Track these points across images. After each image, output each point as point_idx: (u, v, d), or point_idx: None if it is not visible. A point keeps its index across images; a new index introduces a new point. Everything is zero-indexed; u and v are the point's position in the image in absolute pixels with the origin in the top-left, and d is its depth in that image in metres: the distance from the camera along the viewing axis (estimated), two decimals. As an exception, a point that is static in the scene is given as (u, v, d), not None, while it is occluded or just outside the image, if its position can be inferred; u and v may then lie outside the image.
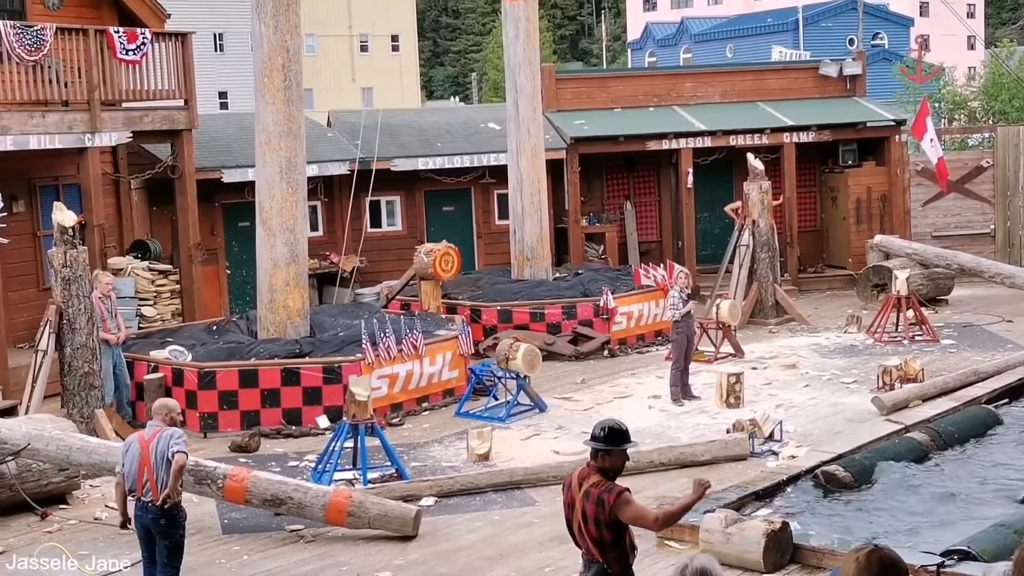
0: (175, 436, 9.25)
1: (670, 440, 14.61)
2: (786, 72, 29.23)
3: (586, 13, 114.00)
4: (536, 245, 22.34)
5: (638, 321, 20.92)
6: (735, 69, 31.76)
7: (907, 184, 26.99)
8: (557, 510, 12.15)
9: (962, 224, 27.16)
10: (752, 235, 22.46)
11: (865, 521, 11.85)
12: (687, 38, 78.62)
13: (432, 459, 14.40)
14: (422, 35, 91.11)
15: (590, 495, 7.31)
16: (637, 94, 27.23)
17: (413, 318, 18.23)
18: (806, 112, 26.80)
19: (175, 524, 9.31)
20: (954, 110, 40.91)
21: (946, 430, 14.47)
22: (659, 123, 26.13)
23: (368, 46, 72.39)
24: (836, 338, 20.96)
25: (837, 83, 27.92)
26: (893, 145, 26.91)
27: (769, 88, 27.79)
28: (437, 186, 25.33)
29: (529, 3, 22.24)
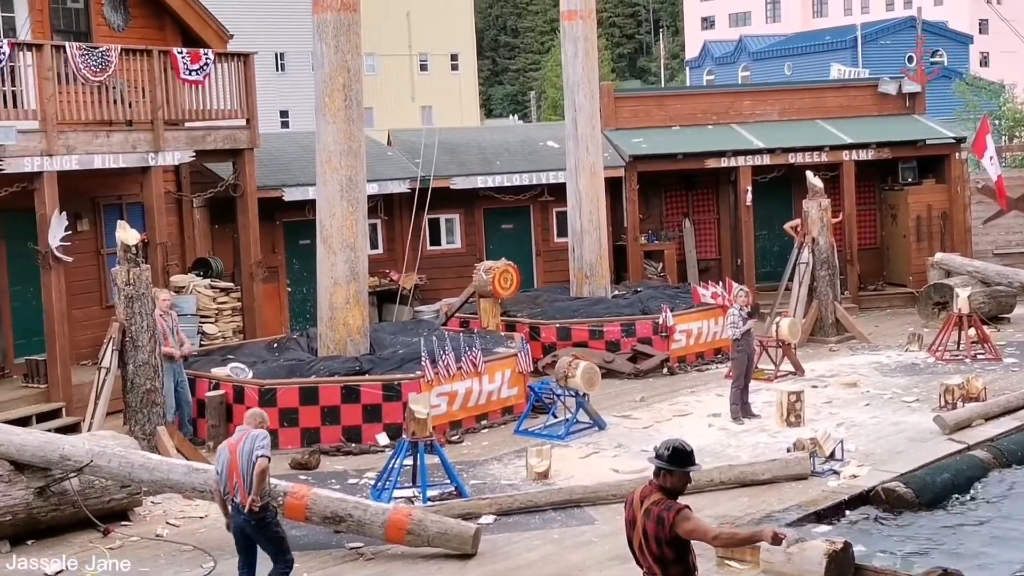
0: (259, 438, 9.78)
1: (730, 459, 14.52)
2: (845, 90, 29.02)
3: (644, 32, 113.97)
4: (595, 263, 22.32)
5: (697, 339, 20.83)
6: (794, 87, 31.62)
7: (967, 202, 26.72)
8: (617, 529, 12.13)
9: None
10: (812, 253, 22.31)
11: (932, 543, 11.71)
12: (745, 56, 78.32)
13: (491, 477, 14.41)
14: (481, 54, 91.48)
15: (651, 513, 7.38)
16: (695, 112, 27.17)
17: (472, 336, 18.27)
18: (865, 130, 26.62)
19: (264, 524, 9.90)
20: (1015, 127, 40.45)
21: (1009, 448, 14.29)
22: (718, 141, 26.06)
23: (428, 65, 72.78)
24: (897, 356, 20.76)
25: (896, 101, 27.72)
26: (953, 163, 26.67)
27: (828, 106, 27.63)
28: (496, 204, 25.39)
29: (588, 22, 22.28)
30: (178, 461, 12.91)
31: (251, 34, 44.16)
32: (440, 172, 23.61)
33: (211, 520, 12.93)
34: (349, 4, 17.10)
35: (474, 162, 25.13)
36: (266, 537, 10.00)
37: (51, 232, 16.90)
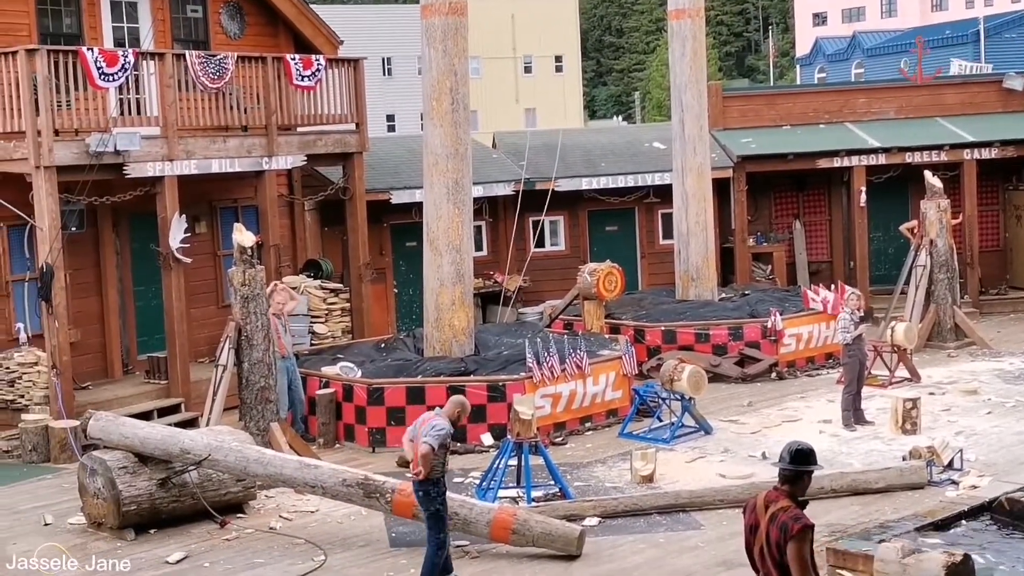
0: (434, 427, 10.44)
1: (842, 466, 14.23)
2: (966, 86, 28.31)
3: (752, 29, 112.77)
4: (701, 265, 22.09)
5: (807, 343, 20.47)
6: (911, 84, 30.97)
7: (1096, 202, 25.92)
8: (723, 535, 12.00)
9: None
10: (929, 255, 21.81)
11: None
12: (859, 52, 77.03)
13: (595, 479, 14.32)
14: (585, 55, 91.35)
15: (776, 518, 7.23)
16: (807, 111, 26.76)
17: (576, 338, 18.19)
18: (988, 127, 25.94)
19: (428, 497, 10.53)
20: None
21: None
22: (830, 140, 25.62)
23: (532, 67, 72.89)
24: (1020, 363, 20.15)
25: (1021, 97, 26.94)
26: (1082, 161, 25.88)
27: (947, 103, 26.99)
28: (601, 206, 25.27)
29: (696, 21, 22.06)
30: (290, 457, 13.08)
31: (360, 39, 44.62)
32: (545, 174, 23.53)
33: (322, 514, 13.15)
34: (457, 8, 17.15)
35: (579, 164, 25.05)
36: (426, 511, 10.61)
37: (171, 234, 17.43)
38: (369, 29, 56.47)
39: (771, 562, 7.24)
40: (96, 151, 16.46)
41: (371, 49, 46.89)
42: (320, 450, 15.81)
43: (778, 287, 24.34)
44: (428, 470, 10.38)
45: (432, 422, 10.56)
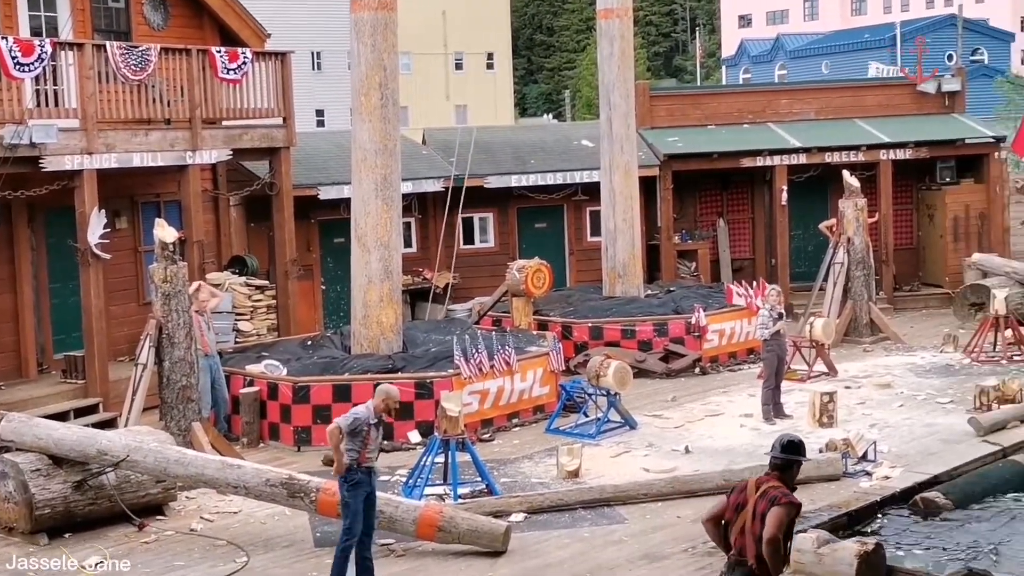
0: (351, 413, 10.64)
1: (762, 459, 14.33)
2: (883, 88, 28.89)
3: (680, 30, 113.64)
4: (628, 262, 22.33)
5: (730, 339, 20.80)
6: (831, 85, 31.49)
7: (1006, 202, 26.53)
8: (647, 528, 12.21)
9: (1064, 243, 26.63)
10: (847, 253, 22.23)
11: (962, 545, 11.67)
12: (782, 54, 78.02)
13: (522, 475, 14.45)
14: (516, 53, 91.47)
15: (766, 494, 7.91)
16: (731, 111, 27.12)
17: (505, 334, 18.32)
18: (903, 129, 26.48)
19: (341, 486, 10.63)
20: (1057, 126, 40.06)
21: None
22: (753, 140, 26.00)
23: (463, 64, 72.92)
24: (932, 358, 20.64)
25: (935, 99, 27.55)
26: (992, 162, 26.49)
27: (866, 105, 27.51)
28: (530, 203, 25.43)
29: (624, 21, 22.28)
30: (212, 457, 13.03)
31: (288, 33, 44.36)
32: (475, 171, 23.65)
33: (245, 515, 13.10)
34: (386, 3, 17.17)
35: (508, 161, 25.18)
36: (340, 497, 10.76)
37: (90, 230, 17.06)
38: (298, 22, 56.08)
39: (753, 537, 7.81)
40: (10, 143, 16.08)
41: (300, 43, 46.53)
42: (244, 450, 15.73)
43: (702, 284, 24.66)
44: (335, 447, 10.47)
45: (352, 409, 10.81)
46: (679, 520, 12.50)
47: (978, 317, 22.07)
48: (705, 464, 14.45)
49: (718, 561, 11.15)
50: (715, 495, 13.11)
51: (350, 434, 10.45)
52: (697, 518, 12.39)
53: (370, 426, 10.57)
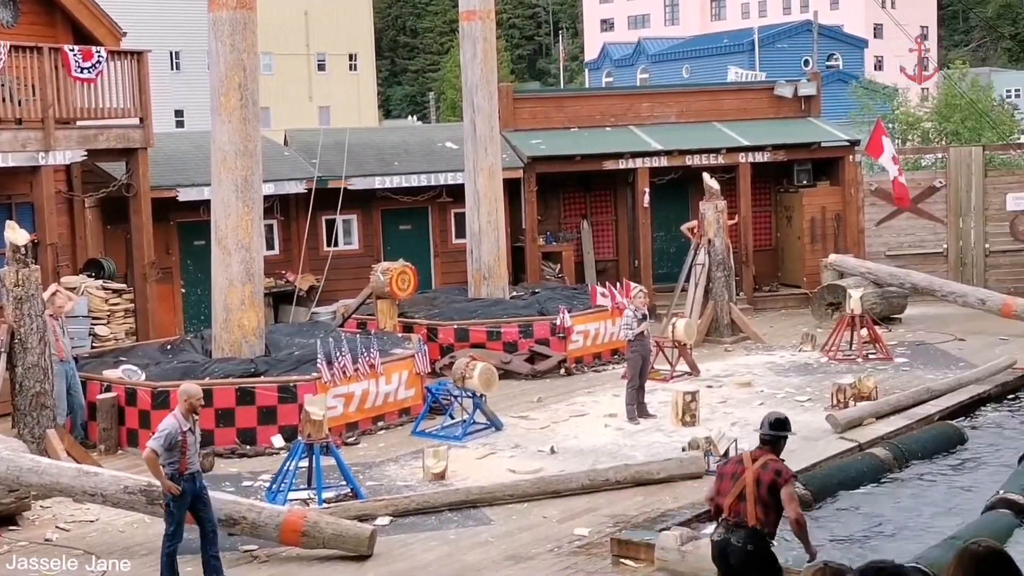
0: (159, 431, 10.48)
1: (626, 458, 14.64)
2: (742, 92, 29.45)
3: (544, 33, 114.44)
4: (493, 264, 22.36)
5: (594, 340, 20.97)
6: (691, 89, 32.00)
7: (861, 204, 27.25)
8: (512, 529, 12.22)
9: (915, 243, 27.42)
10: (708, 254, 22.57)
11: (822, 538, 11.91)
12: (644, 58, 79.15)
13: (388, 478, 14.36)
14: (380, 54, 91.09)
15: (768, 466, 9.06)
16: (594, 114, 27.34)
17: (369, 337, 18.19)
18: (761, 132, 27.01)
19: (166, 495, 10.57)
20: (907, 131, 41.34)
21: (909, 447, 14.59)
22: (616, 143, 26.25)
23: (326, 65, 72.33)
24: (791, 356, 21.09)
25: (792, 104, 28.16)
26: (847, 165, 27.16)
27: (725, 108, 27.99)
28: (394, 205, 25.30)
29: (486, 23, 22.30)
30: (68, 464, 12.68)
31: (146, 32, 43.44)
32: (338, 172, 23.45)
33: (103, 523, 12.79)
34: (245, 2, 16.91)
35: (372, 163, 25.01)
36: (165, 504, 10.71)
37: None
38: (156, 21, 55.04)
39: (755, 500, 8.95)
40: None
41: (158, 42, 45.71)
42: (101, 457, 15.33)
43: (567, 285, 24.81)
44: (156, 473, 10.41)
45: (160, 424, 10.64)
46: (545, 520, 12.54)
47: (835, 317, 22.62)
48: (570, 464, 14.53)
49: (583, 561, 11.25)
50: (580, 495, 13.24)
51: (167, 450, 10.37)
52: (563, 518, 12.54)
53: (184, 433, 10.46)
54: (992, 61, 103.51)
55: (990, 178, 27.53)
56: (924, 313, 24.67)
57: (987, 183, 27.28)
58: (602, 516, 12.59)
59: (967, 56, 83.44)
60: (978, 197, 27.14)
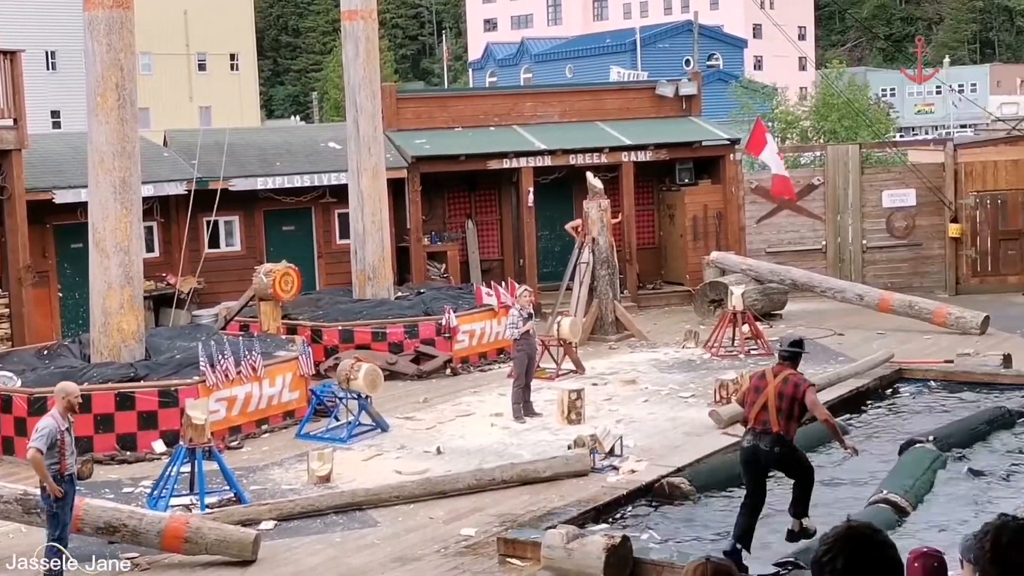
0: (37, 430, 10.41)
1: (512, 457, 14.66)
2: (624, 92, 29.72)
3: (427, 33, 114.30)
4: (377, 264, 22.24)
5: (480, 339, 20.98)
6: (574, 89, 32.20)
7: (742, 201, 27.67)
8: (399, 531, 12.16)
9: (795, 240, 27.93)
10: (592, 253, 22.70)
11: (707, 534, 12.06)
12: (527, 58, 79.44)
13: (272, 482, 14.20)
14: (262, 54, 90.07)
15: (788, 380, 10.56)
16: (478, 113, 27.35)
17: (252, 339, 17.94)
18: (643, 131, 27.27)
19: (47, 499, 10.42)
20: (786, 129, 42.12)
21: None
22: (500, 142, 26.29)
23: (206, 65, 71.27)
24: (674, 353, 21.32)
25: (673, 103, 28.47)
26: (728, 163, 27.55)
27: (608, 108, 28.20)
28: (277, 206, 25.03)
29: (368, 23, 22.17)
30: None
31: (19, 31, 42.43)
32: (218, 173, 23.10)
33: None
34: (122, 1, 16.57)
35: (254, 163, 24.71)
36: (45, 510, 10.56)
37: None
38: (30, 20, 53.74)
39: (776, 411, 10.44)
40: None
41: (32, 41, 44.63)
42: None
43: (452, 285, 24.79)
44: (43, 474, 10.25)
45: (37, 425, 10.48)
46: (431, 521, 12.51)
47: (717, 313, 22.93)
48: (457, 464, 14.51)
49: (470, 561, 11.25)
50: (466, 495, 13.23)
51: (48, 450, 10.24)
52: (449, 518, 12.52)
53: (62, 432, 10.37)
54: (868, 61, 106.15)
55: (867, 176, 28.17)
56: (804, 309, 25.15)
57: (864, 181, 27.91)
58: (489, 516, 12.59)
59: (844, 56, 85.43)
60: (855, 194, 27.74)
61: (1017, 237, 27.31)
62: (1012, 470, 13.86)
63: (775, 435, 10.46)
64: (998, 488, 13.15)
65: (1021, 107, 62.88)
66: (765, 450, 10.52)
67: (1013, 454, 14.52)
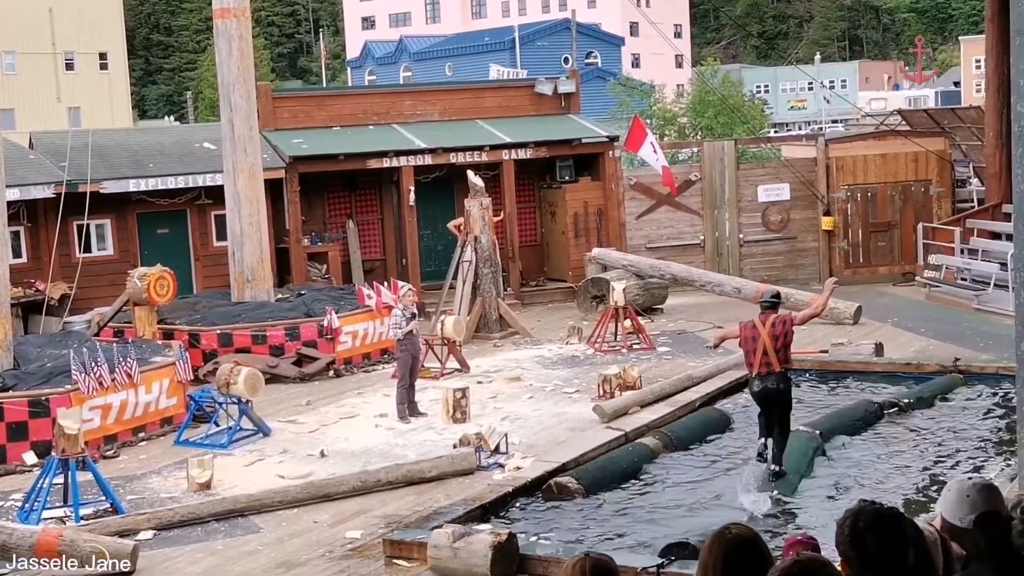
0: None
1: (398, 458, 14.52)
2: (503, 90, 29.70)
3: (304, 31, 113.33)
4: (256, 266, 21.87)
5: (363, 340, 20.76)
6: (454, 87, 32.10)
7: (622, 198, 27.84)
8: (283, 536, 11.95)
9: (674, 235, 28.18)
10: (474, 251, 22.63)
11: (594, 528, 12.07)
12: (406, 56, 79.13)
13: (150, 491, 13.86)
14: (133, 53, 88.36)
15: (776, 323, 12.59)
16: (356, 112, 27.08)
17: (127, 345, 17.53)
18: (523, 129, 27.28)
19: None
20: (664, 126, 42.59)
21: (678, 435, 14.90)
22: (379, 141, 26.05)
23: (74, 64, 69.58)
24: (558, 350, 21.36)
25: (552, 101, 28.53)
26: (607, 160, 27.70)
27: (487, 106, 28.15)
28: (151, 208, 24.48)
29: (242, 21, 21.78)
30: None
31: None
32: (90, 176, 22.51)
33: None
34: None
35: (126, 165, 24.14)
36: None
37: None
38: None
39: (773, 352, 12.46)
40: None
41: None
42: None
43: (334, 286, 24.50)
44: None
45: None
46: (316, 525, 12.31)
47: (599, 309, 23.04)
48: (341, 467, 14.31)
49: (356, 563, 11.10)
50: (352, 497, 13.05)
51: None
52: (334, 522, 12.34)
53: None
54: (742, 58, 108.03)
55: (742, 171, 28.55)
56: (684, 303, 25.41)
57: (739, 176, 28.28)
58: (374, 517, 12.44)
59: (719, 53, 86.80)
60: (731, 190, 28.11)
61: (887, 229, 27.92)
62: (879, 461, 14.10)
63: (778, 374, 12.54)
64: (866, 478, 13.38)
65: (889, 103, 64.52)
66: (773, 388, 12.59)
67: (880, 445, 14.77)
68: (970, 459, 13.85)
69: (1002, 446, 14.12)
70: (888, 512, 4.52)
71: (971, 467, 13.42)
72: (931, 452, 14.32)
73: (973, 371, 17.47)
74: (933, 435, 14.99)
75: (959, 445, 14.46)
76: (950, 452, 14.23)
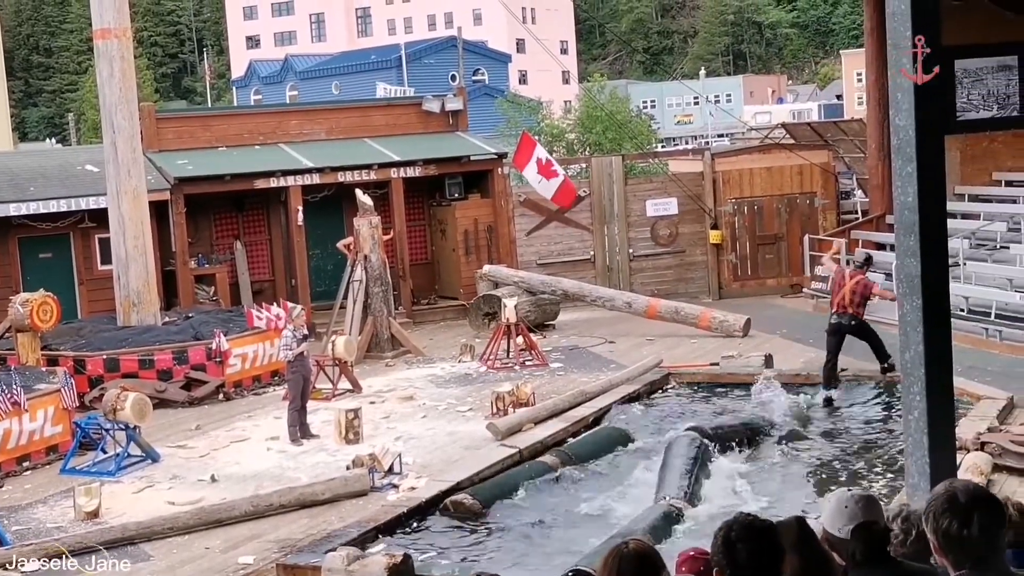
0: None
1: (290, 481, 14.38)
2: (391, 108, 29.67)
3: (188, 51, 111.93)
4: (142, 290, 21.52)
5: (253, 362, 20.52)
6: (341, 106, 31.96)
7: (511, 214, 27.94)
8: (174, 563, 11.79)
9: (564, 251, 28.34)
10: (365, 270, 22.52)
11: (488, 547, 12.07)
12: (292, 75, 78.64)
13: (36, 521, 13.54)
14: (11, 74, 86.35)
15: (860, 282, 16.44)
16: (242, 132, 26.82)
17: (9, 373, 17.12)
18: (411, 147, 27.25)
19: None
20: (553, 142, 42.83)
21: (577, 452, 14.93)
22: (266, 161, 25.82)
23: (-50, 86, 67.82)
24: (451, 368, 21.33)
25: (440, 118, 28.55)
26: (496, 177, 27.79)
27: (375, 124, 28.07)
28: (32, 232, 23.97)
29: (123, 41, 21.46)
30: None
31: None
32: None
33: None
34: None
35: (5, 188, 23.61)
36: None
37: None
38: None
39: (851, 301, 16.34)
40: None
41: None
42: None
43: (222, 308, 24.20)
44: None
45: None
46: (208, 551, 12.14)
47: (491, 326, 23.07)
48: (233, 491, 14.13)
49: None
50: (244, 522, 12.89)
51: None
52: (226, 547, 12.18)
53: None
54: (628, 74, 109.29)
55: (630, 186, 28.84)
56: (576, 318, 25.55)
57: (628, 191, 28.55)
58: (267, 542, 12.30)
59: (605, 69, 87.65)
60: (620, 205, 28.37)
61: (774, 241, 28.41)
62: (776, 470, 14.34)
63: (851, 314, 16.39)
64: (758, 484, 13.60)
65: (773, 116, 65.80)
66: (846, 324, 16.44)
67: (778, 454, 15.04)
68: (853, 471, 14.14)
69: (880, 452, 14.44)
70: (761, 524, 4.65)
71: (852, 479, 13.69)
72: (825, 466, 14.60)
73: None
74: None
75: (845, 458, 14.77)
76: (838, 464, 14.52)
